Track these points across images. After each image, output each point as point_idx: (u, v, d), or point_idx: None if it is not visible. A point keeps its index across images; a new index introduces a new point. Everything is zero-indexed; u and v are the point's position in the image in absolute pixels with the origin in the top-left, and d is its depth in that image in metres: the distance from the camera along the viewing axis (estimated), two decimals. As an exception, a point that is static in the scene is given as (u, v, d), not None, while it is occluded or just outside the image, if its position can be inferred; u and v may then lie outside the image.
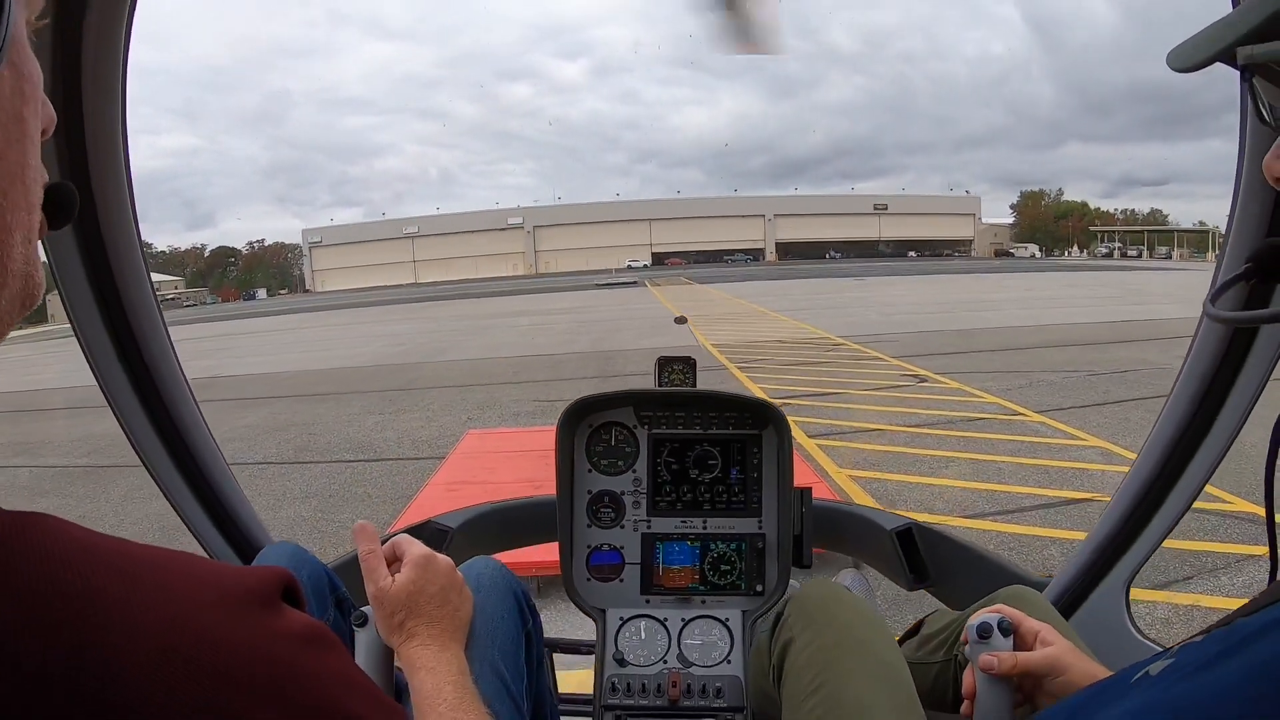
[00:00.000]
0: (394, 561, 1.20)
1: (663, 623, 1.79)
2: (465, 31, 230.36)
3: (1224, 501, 5.52)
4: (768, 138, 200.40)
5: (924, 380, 11.62)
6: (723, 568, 1.82)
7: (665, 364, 1.96)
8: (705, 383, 1.96)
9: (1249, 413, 1.42)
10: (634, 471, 1.87)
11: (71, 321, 1.47)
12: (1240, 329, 1.37)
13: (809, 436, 8.30)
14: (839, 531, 2.11)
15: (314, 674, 0.53)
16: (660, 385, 1.94)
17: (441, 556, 1.21)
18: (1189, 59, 0.68)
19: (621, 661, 1.75)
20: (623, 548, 1.85)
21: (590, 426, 1.89)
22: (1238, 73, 0.67)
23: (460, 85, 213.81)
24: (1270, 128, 0.66)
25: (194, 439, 1.66)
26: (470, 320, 29.58)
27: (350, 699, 0.55)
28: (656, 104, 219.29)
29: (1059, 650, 1.10)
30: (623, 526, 1.86)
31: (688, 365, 1.96)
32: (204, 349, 23.47)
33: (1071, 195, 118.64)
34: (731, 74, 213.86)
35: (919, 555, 1.98)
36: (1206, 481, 1.50)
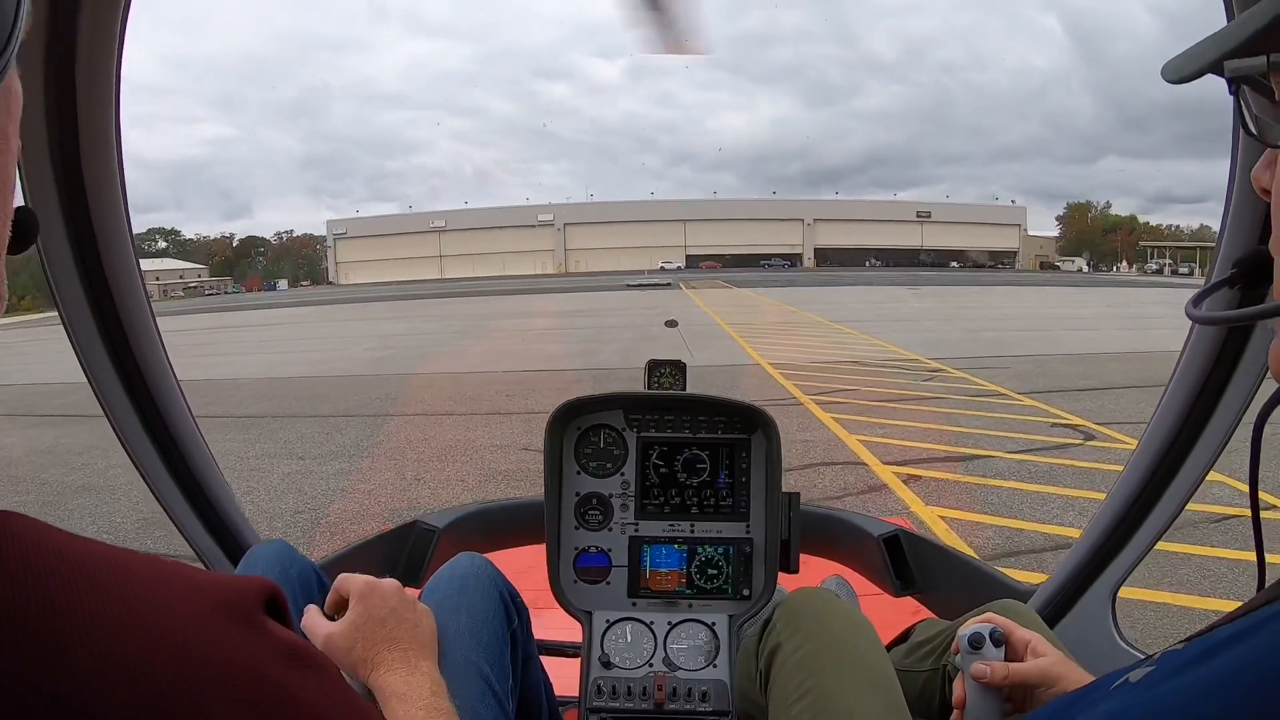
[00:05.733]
0: (345, 602, 1.15)
1: (649, 626, 1.76)
2: (503, 29, 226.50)
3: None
4: (804, 144, 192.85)
5: (1090, 436, 7.95)
6: (710, 572, 1.80)
7: (655, 367, 1.90)
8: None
9: (1238, 423, 1.41)
10: (622, 474, 1.85)
11: (63, 320, 1.48)
12: (1231, 337, 1.38)
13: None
14: (827, 537, 2.06)
15: (295, 693, 0.51)
16: (649, 388, 1.89)
17: (385, 580, 1.16)
18: (1182, 71, 0.69)
19: (607, 664, 1.72)
20: (610, 550, 1.82)
21: (579, 429, 1.85)
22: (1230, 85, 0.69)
23: (497, 83, 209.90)
24: (1255, 139, 0.68)
25: (183, 438, 1.65)
26: (481, 321, 26.38)
27: (333, 716, 0.53)
28: (693, 107, 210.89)
29: (1051, 661, 1.09)
30: (610, 529, 1.83)
31: (677, 368, 1.90)
32: (182, 344, 20.39)
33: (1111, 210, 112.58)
34: (770, 79, 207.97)
35: (906, 562, 1.95)
36: (1195, 489, 1.49)
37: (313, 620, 1.13)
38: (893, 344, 15.96)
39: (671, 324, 16.97)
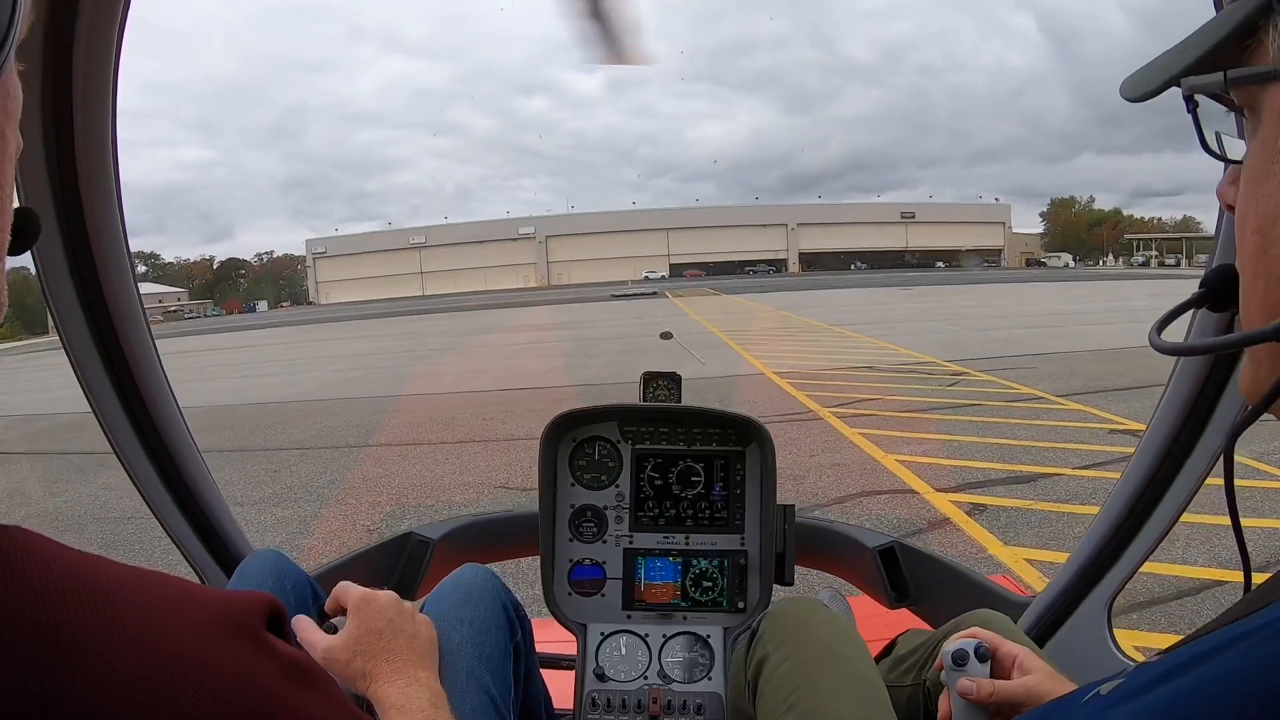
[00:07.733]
0: (342, 609, 1.13)
1: (644, 639, 1.74)
2: (481, 46, 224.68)
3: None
4: (783, 151, 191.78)
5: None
6: (704, 584, 1.77)
7: (650, 379, 1.87)
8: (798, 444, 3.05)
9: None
10: (617, 486, 1.81)
11: (59, 333, 1.47)
12: (1220, 355, 1.34)
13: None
14: (822, 549, 2.04)
15: (297, 709, 0.50)
16: (645, 400, 1.86)
17: (382, 592, 1.14)
18: (1140, 88, 0.67)
19: (602, 677, 1.69)
20: (604, 563, 1.79)
21: (574, 440, 1.82)
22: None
23: (476, 100, 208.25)
24: (1215, 156, 0.67)
25: (178, 449, 1.62)
26: (459, 336, 25.11)
27: None
28: (673, 118, 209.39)
29: (1039, 679, 1.04)
30: (605, 541, 1.80)
31: (673, 381, 1.87)
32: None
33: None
34: (749, 87, 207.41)
35: (901, 574, 1.93)
36: (1188, 504, 1.48)
37: (310, 635, 1.08)
38: (903, 346, 14.85)
39: (666, 336, 15.80)
